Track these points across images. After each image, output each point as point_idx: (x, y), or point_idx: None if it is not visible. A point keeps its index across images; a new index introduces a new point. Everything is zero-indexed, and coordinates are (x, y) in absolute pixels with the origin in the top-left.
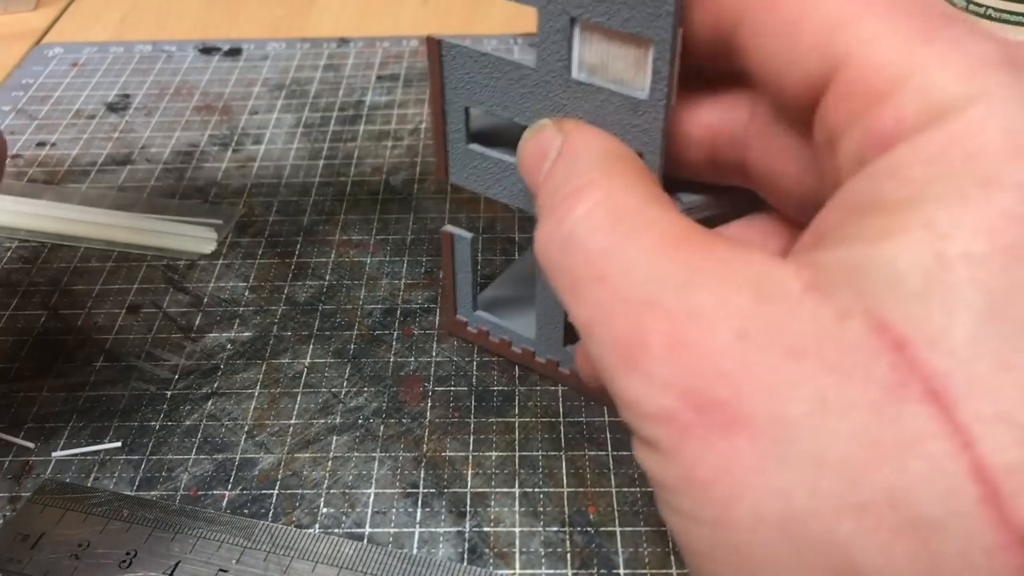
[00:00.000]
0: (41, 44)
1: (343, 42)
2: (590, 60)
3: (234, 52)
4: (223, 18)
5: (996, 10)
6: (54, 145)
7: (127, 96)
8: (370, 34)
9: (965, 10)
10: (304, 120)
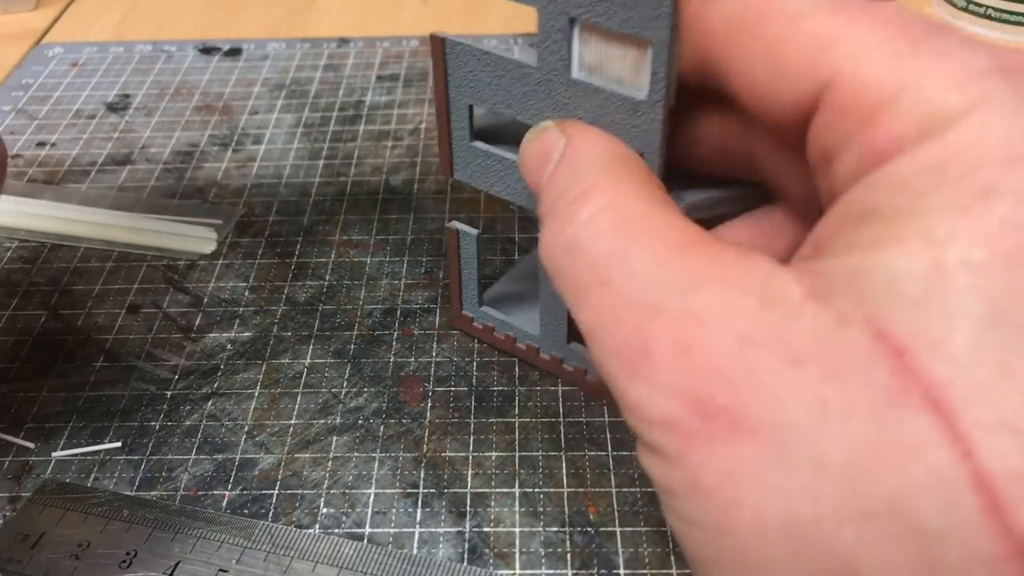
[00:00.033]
0: (41, 44)
1: (343, 42)
2: (590, 60)
3: (234, 52)
4: (223, 18)
5: (996, 10)
6: (54, 145)
7: (127, 96)
8: (370, 34)
9: (965, 10)
10: (304, 120)
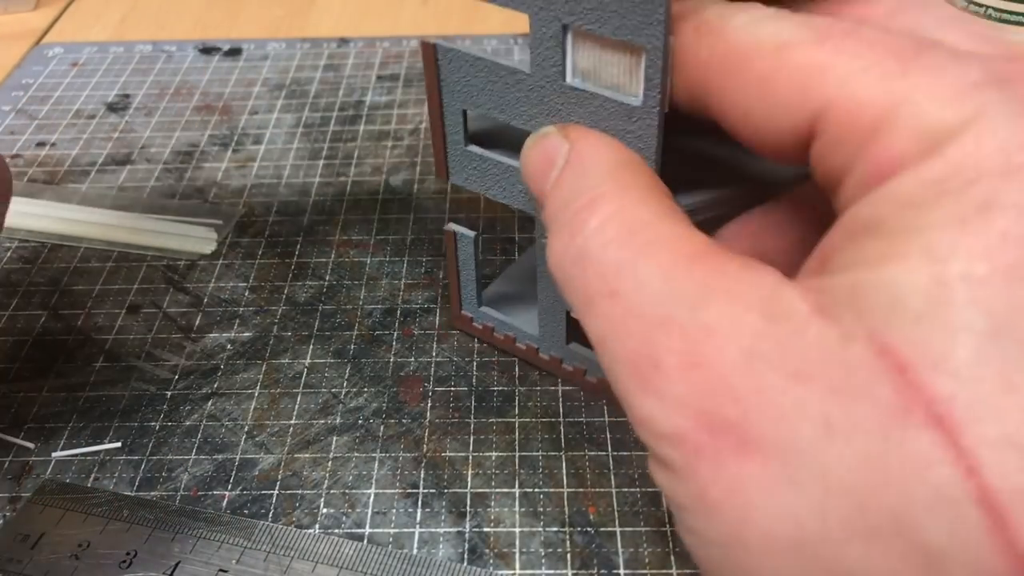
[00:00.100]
0: (41, 44)
1: (343, 42)
2: (583, 66)
3: (234, 52)
4: (223, 18)
5: (996, 10)
6: (54, 145)
7: (127, 96)
8: (370, 34)
9: (965, 10)
10: (304, 120)
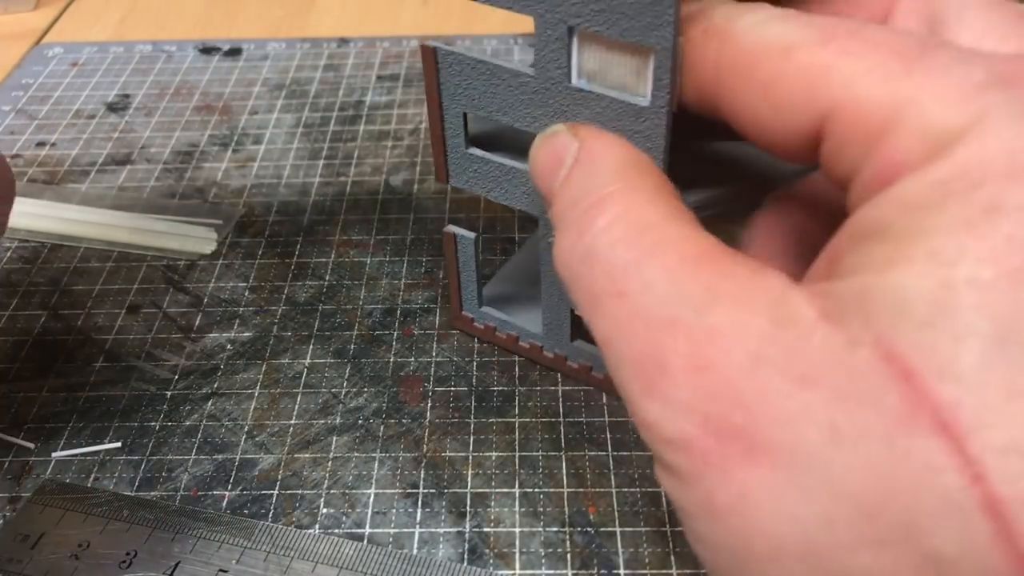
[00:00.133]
0: (41, 44)
1: (343, 42)
2: (589, 67)
3: (234, 52)
4: (223, 18)
5: None
6: (54, 145)
7: (127, 96)
8: (370, 34)
9: None
10: (304, 120)
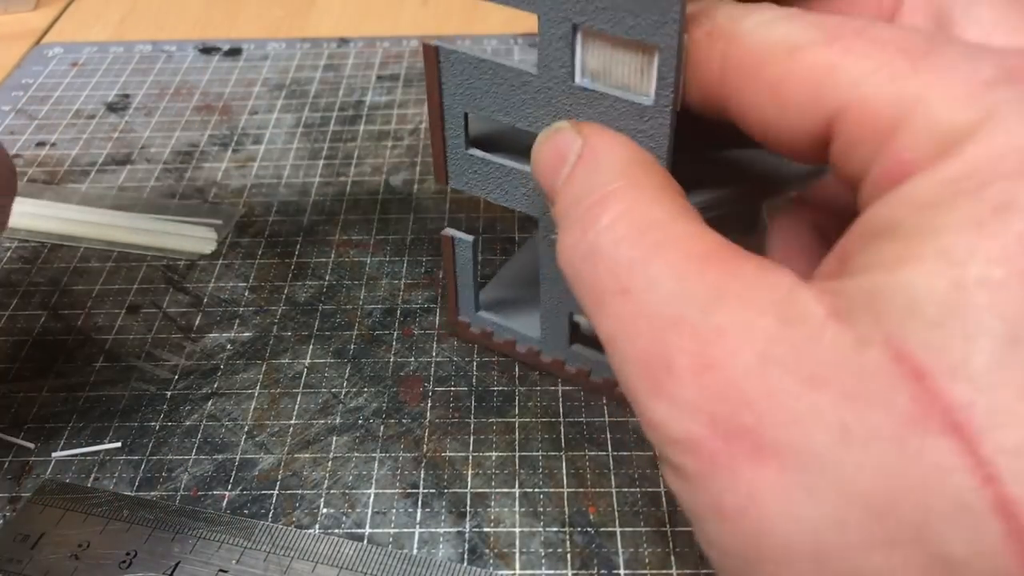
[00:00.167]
0: (41, 44)
1: (343, 42)
2: (593, 66)
3: (234, 52)
4: (223, 18)
5: None
6: (54, 145)
7: (127, 96)
8: (370, 34)
9: None
10: (304, 120)
